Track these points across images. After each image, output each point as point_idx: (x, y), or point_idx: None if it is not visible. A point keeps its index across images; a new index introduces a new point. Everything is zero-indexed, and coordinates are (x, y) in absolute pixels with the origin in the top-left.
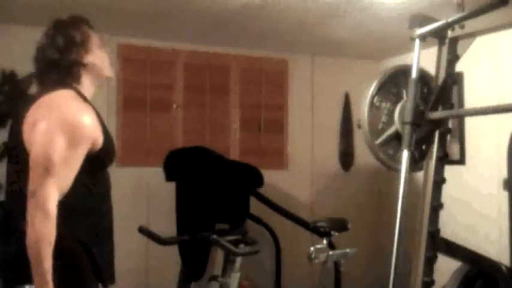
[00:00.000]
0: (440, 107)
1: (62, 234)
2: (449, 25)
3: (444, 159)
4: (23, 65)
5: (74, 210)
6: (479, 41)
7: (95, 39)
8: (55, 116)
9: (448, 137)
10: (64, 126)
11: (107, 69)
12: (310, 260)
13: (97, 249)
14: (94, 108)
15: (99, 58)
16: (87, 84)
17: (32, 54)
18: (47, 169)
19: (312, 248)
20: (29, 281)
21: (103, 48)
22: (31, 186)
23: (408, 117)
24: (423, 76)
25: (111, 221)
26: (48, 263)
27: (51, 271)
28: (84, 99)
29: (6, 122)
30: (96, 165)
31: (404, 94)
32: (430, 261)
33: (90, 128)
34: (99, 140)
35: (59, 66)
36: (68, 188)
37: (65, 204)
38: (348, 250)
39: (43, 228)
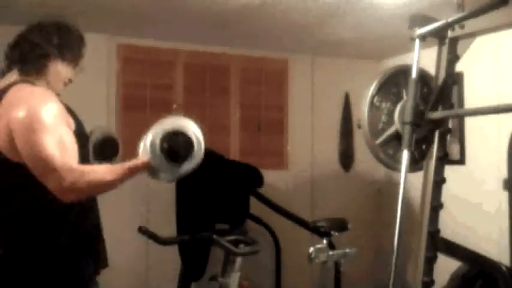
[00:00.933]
0: (440, 107)
1: (47, 233)
2: (449, 25)
3: (444, 159)
4: None
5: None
6: (479, 41)
7: (76, 60)
8: (24, 112)
9: (448, 137)
10: (38, 119)
11: (60, 86)
12: (310, 260)
13: (84, 224)
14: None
15: (64, 74)
16: (45, 81)
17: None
18: (52, 166)
19: (312, 248)
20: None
21: (73, 72)
22: (52, 186)
23: (408, 117)
24: (423, 76)
25: (95, 200)
26: (116, 173)
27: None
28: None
29: None
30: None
31: (404, 94)
32: (430, 261)
33: (60, 110)
34: (71, 122)
35: (34, 53)
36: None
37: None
38: (348, 250)
39: (95, 177)
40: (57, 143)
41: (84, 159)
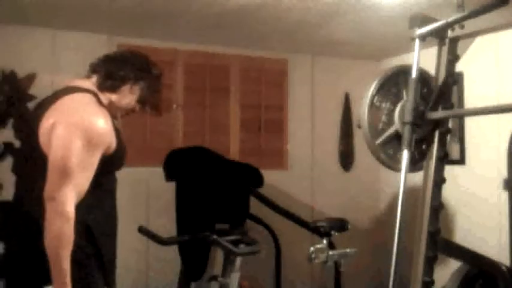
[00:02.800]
0: (440, 107)
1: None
2: (449, 25)
3: (444, 159)
4: (23, 65)
5: (85, 210)
6: (479, 41)
7: (143, 90)
8: (73, 120)
9: (448, 137)
10: (82, 131)
11: (121, 113)
12: (310, 260)
13: (105, 248)
14: (108, 112)
15: (128, 102)
16: (105, 98)
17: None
18: (66, 173)
19: (312, 248)
20: (47, 281)
21: (136, 103)
22: (49, 189)
23: (408, 117)
24: (423, 76)
25: (116, 220)
26: (66, 264)
27: (69, 272)
28: (100, 102)
29: (6, 122)
30: (106, 168)
31: (404, 94)
32: (430, 261)
33: (105, 133)
34: (113, 145)
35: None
36: (84, 191)
37: (77, 206)
38: (348, 250)
39: (62, 231)
40: (77, 166)
41: (109, 184)
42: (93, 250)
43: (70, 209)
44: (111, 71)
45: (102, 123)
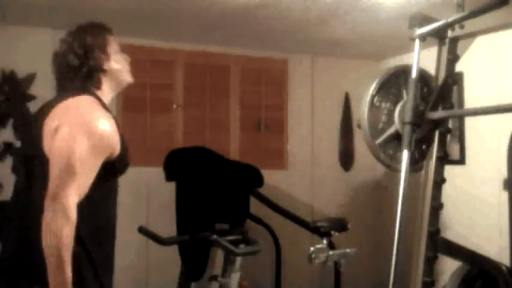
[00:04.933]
0: (440, 107)
1: None
2: (449, 25)
3: (444, 159)
4: (23, 65)
5: (82, 213)
6: (479, 41)
7: (114, 45)
8: (78, 122)
9: (448, 137)
10: (87, 133)
11: (127, 75)
12: (310, 260)
13: (97, 253)
14: (112, 115)
15: (119, 63)
16: (106, 90)
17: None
18: (70, 173)
19: (312, 248)
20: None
21: (122, 54)
22: (51, 189)
23: (408, 117)
24: (423, 76)
25: (115, 226)
26: (69, 267)
27: (70, 274)
28: (104, 106)
29: (6, 122)
30: (109, 172)
31: (404, 94)
32: (430, 261)
33: (110, 136)
34: (117, 149)
35: (79, 72)
36: (85, 193)
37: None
38: (348, 250)
39: (64, 231)
40: (80, 168)
41: (110, 189)
42: (87, 257)
43: (72, 209)
44: (79, 75)
45: (107, 127)
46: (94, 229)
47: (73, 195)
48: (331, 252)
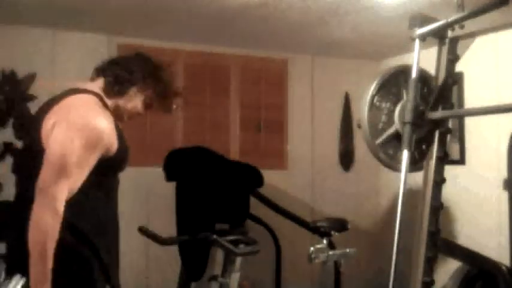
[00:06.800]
0: (440, 107)
1: (68, 234)
2: (449, 25)
3: (444, 159)
4: (23, 65)
5: (82, 210)
6: (479, 41)
7: (150, 94)
8: (74, 118)
9: (448, 137)
10: (82, 130)
11: (127, 116)
12: (310, 260)
13: (104, 250)
14: (112, 115)
15: (135, 108)
16: (111, 102)
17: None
18: (62, 168)
19: (312, 248)
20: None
21: (143, 109)
22: (41, 183)
23: (408, 117)
24: (423, 76)
25: (117, 223)
26: (50, 261)
27: (50, 268)
28: (105, 105)
29: (6, 122)
30: (107, 169)
31: (404, 94)
32: (430, 261)
33: (105, 133)
34: (114, 146)
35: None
36: (76, 189)
37: (73, 205)
38: (348, 250)
39: (50, 226)
40: (73, 164)
41: (109, 186)
42: (90, 252)
43: (60, 204)
44: (119, 75)
45: (102, 124)
46: (95, 226)
47: (63, 190)
48: (331, 252)
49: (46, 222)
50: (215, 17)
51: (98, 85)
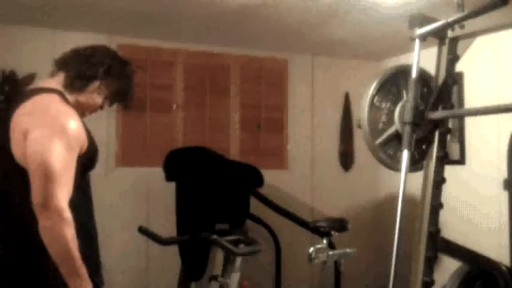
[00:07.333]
0: (440, 107)
1: None
2: (449, 25)
3: (444, 159)
4: (23, 65)
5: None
6: (479, 41)
7: (112, 90)
8: (48, 123)
9: (448, 137)
10: (58, 132)
11: (88, 112)
12: (310, 260)
13: (89, 250)
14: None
15: (94, 101)
16: (72, 98)
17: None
18: (53, 177)
19: (312, 248)
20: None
21: (104, 101)
22: (39, 198)
23: (408, 117)
24: (423, 76)
25: (95, 224)
26: (82, 264)
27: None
28: (66, 102)
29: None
30: (82, 168)
31: (404, 94)
32: (430, 261)
33: (79, 132)
34: (85, 144)
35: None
36: (71, 192)
37: None
38: (348, 250)
39: (68, 235)
40: (63, 169)
41: (85, 182)
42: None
43: (67, 211)
44: (79, 71)
45: (74, 123)
46: (79, 228)
47: (64, 197)
48: (331, 252)
49: (64, 234)
50: (215, 17)
51: (58, 81)
